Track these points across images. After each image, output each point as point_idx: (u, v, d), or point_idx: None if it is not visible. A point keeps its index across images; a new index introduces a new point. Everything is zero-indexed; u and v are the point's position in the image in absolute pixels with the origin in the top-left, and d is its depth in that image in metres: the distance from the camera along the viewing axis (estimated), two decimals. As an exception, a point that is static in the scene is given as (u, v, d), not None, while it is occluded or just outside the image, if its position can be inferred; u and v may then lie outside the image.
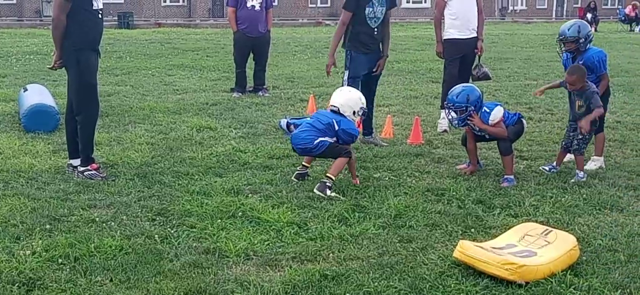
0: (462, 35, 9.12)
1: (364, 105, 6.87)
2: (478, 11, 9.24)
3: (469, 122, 6.91)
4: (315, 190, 6.28)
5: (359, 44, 8.09)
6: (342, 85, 7.83)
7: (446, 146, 8.31)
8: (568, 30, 7.18)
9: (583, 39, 7.12)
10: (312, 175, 6.85)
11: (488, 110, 6.86)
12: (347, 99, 6.79)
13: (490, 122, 6.84)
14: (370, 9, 7.94)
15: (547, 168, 7.16)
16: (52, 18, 6.59)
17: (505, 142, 6.87)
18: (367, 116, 7.66)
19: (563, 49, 7.26)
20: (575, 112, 7.03)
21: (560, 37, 7.23)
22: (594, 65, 7.11)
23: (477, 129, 6.94)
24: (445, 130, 9.04)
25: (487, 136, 7.02)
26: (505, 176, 6.80)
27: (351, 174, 6.69)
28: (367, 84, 8.24)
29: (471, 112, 6.82)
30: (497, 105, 7.01)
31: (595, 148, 7.47)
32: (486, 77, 9.31)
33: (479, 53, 9.22)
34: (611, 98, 7.67)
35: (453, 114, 6.88)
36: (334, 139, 6.61)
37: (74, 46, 6.53)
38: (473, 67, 9.24)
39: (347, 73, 8.15)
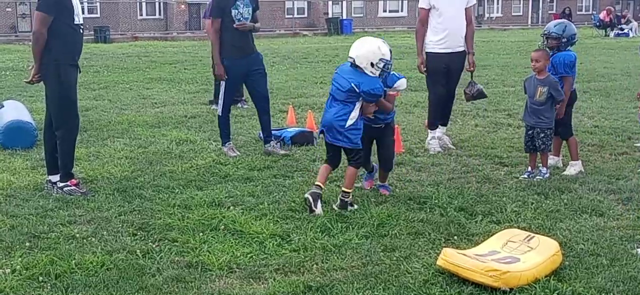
0: (446, 48, 8.27)
1: (386, 57, 6.06)
2: (467, 22, 8.37)
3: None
4: (335, 207, 6.10)
5: (233, 49, 8.16)
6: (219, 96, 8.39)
7: (427, 154, 8.32)
8: (554, 27, 7.36)
9: (566, 39, 7.26)
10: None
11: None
12: (365, 50, 6.04)
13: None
14: (236, 11, 8.08)
15: (526, 175, 7.19)
16: (33, 31, 6.52)
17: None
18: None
19: (546, 44, 7.36)
20: (534, 102, 7.09)
21: (545, 33, 7.36)
22: (557, 63, 7.22)
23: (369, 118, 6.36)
24: (439, 152, 8.35)
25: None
26: (383, 184, 6.79)
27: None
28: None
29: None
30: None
31: (570, 153, 7.53)
32: (481, 95, 8.68)
33: (472, 69, 8.49)
34: (588, 103, 7.74)
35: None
36: (360, 101, 6.07)
37: (54, 60, 6.48)
38: (466, 84, 8.65)
39: (223, 84, 8.22)
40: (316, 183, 6.15)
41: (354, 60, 6.05)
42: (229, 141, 8.47)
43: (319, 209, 5.99)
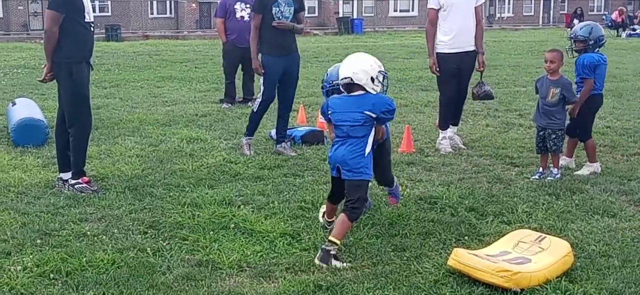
0: (456, 48, 8.25)
1: (383, 68, 5.33)
2: (476, 21, 8.35)
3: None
4: (316, 261, 4.94)
5: (272, 46, 8.15)
6: (259, 91, 8.29)
7: (437, 154, 8.29)
8: (580, 30, 7.34)
9: (593, 41, 7.25)
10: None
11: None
12: (361, 65, 5.20)
13: None
14: (277, 9, 8.07)
15: (537, 176, 7.16)
16: (45, 30, 6.56)
17: None
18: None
19: (573, 48, 7.34)
20: (545, 102, 7.07)
21: (572, 36, 7.36)
22: (577, 65, 7.20)
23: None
24: (449, 152, 8.31)
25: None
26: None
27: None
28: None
29: None
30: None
31: (588, 156, 7.48)
32: (488, 96, 8.70)
33: (481, 69, 8.48)
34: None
35: None
36: (373, 127, 5.21)
37: (66, 58, 6.50)
38: (475, 84, 8.66)
39: (262, 78, 8.21)
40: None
41: (351, 79, 5.16)
42: (251, 136, 8.52)
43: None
